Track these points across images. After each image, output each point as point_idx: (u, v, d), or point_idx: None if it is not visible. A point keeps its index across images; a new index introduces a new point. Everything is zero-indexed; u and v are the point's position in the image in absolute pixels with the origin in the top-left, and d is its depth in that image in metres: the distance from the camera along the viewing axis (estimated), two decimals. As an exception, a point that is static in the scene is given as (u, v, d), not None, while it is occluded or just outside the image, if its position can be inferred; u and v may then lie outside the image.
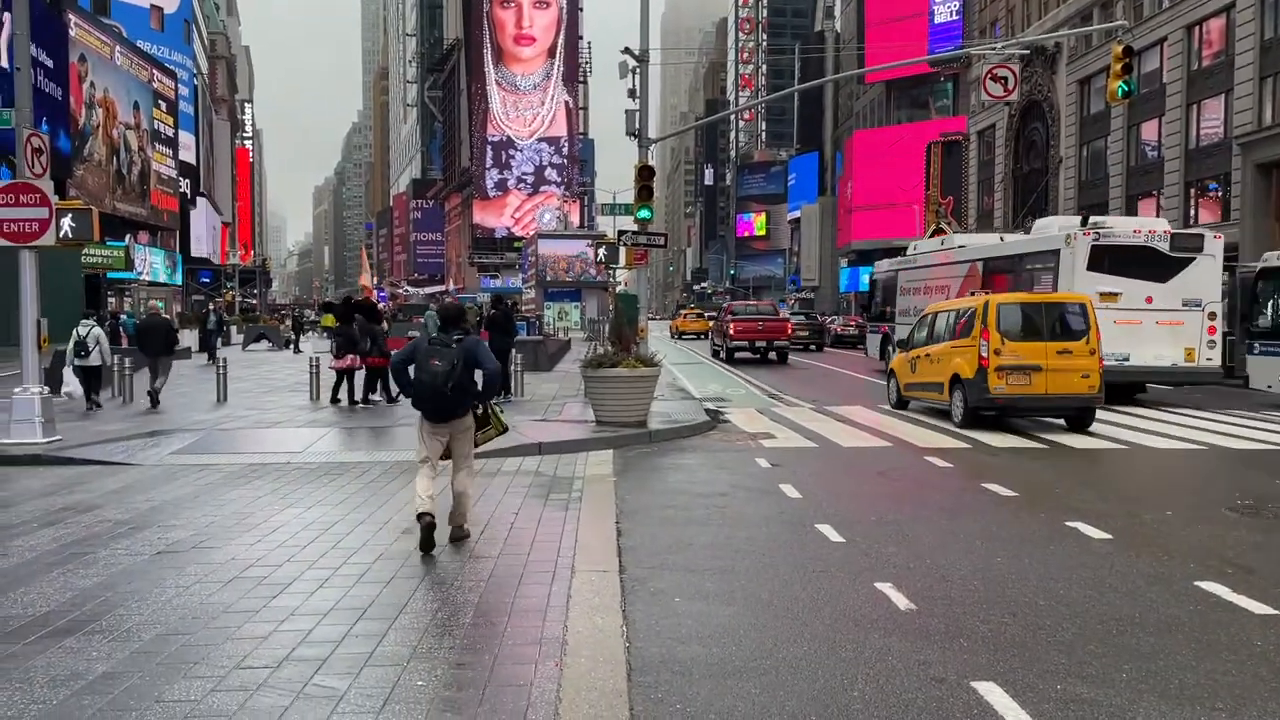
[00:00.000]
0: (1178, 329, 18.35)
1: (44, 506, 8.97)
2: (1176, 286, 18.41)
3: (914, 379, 16.87)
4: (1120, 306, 18.02)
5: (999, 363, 14.22)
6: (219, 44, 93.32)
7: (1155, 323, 18.27)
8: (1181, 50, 40.09)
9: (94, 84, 44.54)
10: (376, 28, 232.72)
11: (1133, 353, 18.07)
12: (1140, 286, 18.28)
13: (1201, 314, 18.48)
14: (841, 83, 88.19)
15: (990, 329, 14.41)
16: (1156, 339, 18.25)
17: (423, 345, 7.39)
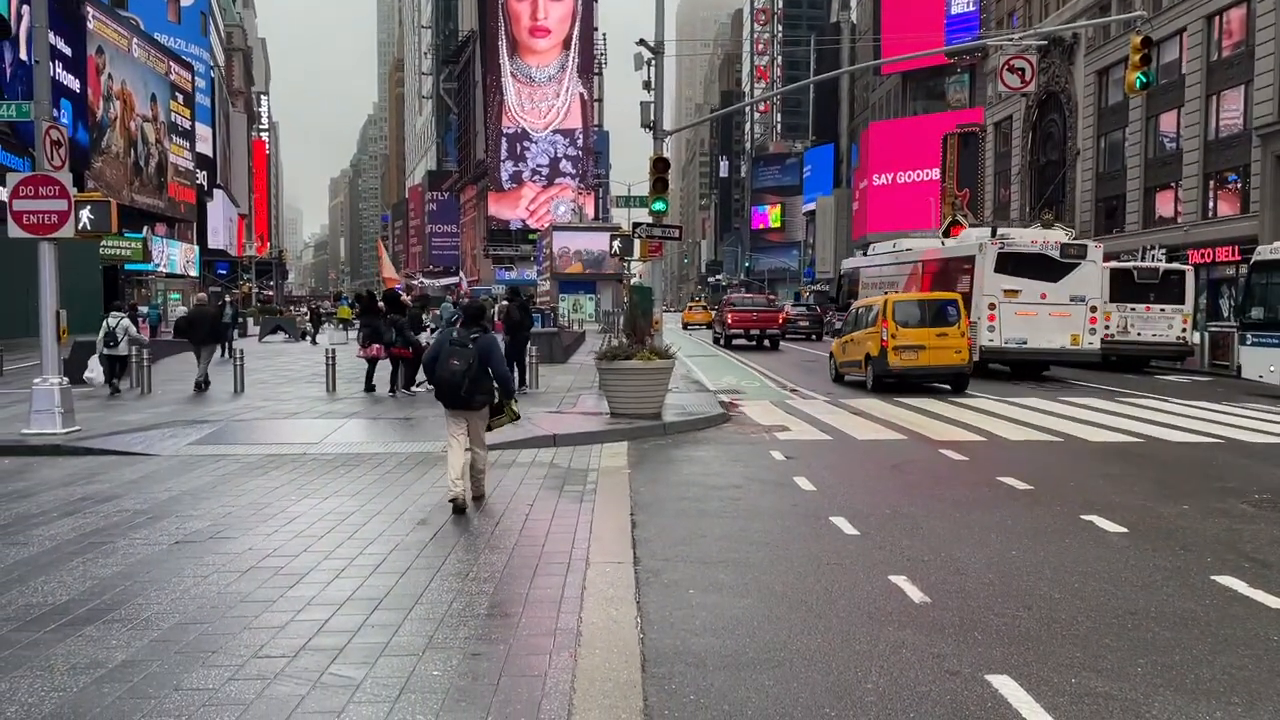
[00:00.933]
0: (1065, 319, 22.34)
1: (63, 496, 9.06)
2: (1065, 286, 22.44)
3: (844, 358, 21.17)
4: (1020, 301, 22.21)
5: (895, 344, 18.82)
6: (235, 36, 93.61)
7: (1048, 314, 22.30)
8: (1201, 41, 39.71)
9: (112, 76, 44.76)
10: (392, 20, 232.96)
11: (1029, 338, 22.26)
12: (1036, 285, 22.34)
13: (1085, 307, 22.50)
14: (857, 74, 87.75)
15: (889, 320, 18.88)
16: (1049, 327, 22.27)
17: (445, 345, 8.47)
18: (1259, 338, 19.86)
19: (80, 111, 39.86)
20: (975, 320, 21.71)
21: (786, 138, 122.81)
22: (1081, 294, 22.59)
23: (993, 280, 22.41)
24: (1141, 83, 19.69)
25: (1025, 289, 22.33)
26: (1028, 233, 25.06)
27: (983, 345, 22.06)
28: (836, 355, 21.82)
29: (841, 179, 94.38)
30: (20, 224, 12.41)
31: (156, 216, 51.88)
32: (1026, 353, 22.55)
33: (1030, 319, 22.24)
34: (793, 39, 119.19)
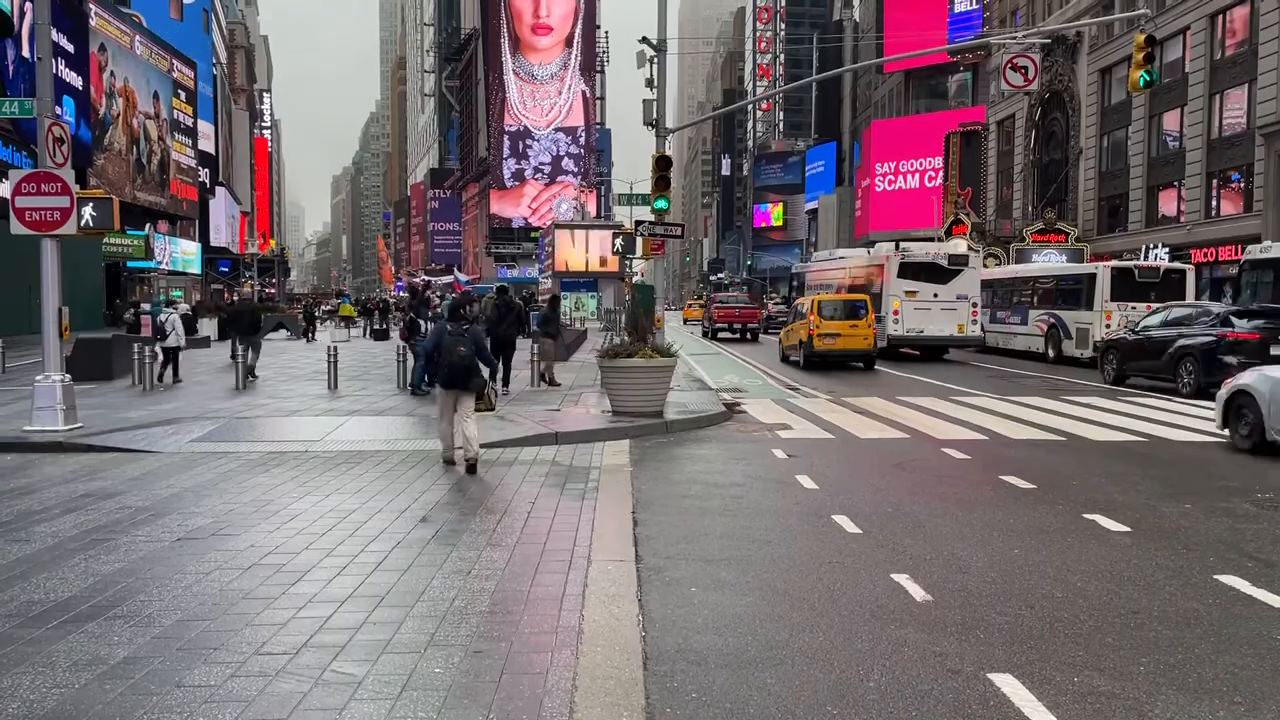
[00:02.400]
0: (953, 313, 27.91)
1: (66, 493, 9.06)
2: (952, 287, 28.00)
3: (787, 343, 27.05)
4: (918, 299, 27.72)
5: (818, 332, 24.43)
6: (238, 34, 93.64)
7: (940, 309, 27.84)
8: (1204, 40, 39.64)
9: (114, 73, 44.79)
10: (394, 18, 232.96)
11: (926, 328, 27.79)
12: (930, 287, 27.93)
13: (967, 303, 28.03)
14: (860, 73, 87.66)
15: (815, 314, 24.66)
16: (941, 319, 27.87)
17: (446, 335, 10.15)
18: None
19: (83, 108, 39.87)
20: (884, 315, 27.46)
21: (789, 136, 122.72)
22: (965, 293, 28.12)
23: (897, 284, 28.09)
24: (1145, 81, 19.67)
25: (921, 290, 27.91)
26: (924, 246, 31.52)
27: (890, 334, 27.56)
28: (783, 340, 27.94)
29: (844, 177, 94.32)
30: (23, 221, 12.41)
31: (159, 214, 51.92)
32: (925, 339, 28.06)
33: (926, 313, 27.78)
34: (795, 37, 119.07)
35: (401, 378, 18.28)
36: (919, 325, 27.64)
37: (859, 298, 26.03)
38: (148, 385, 18.04)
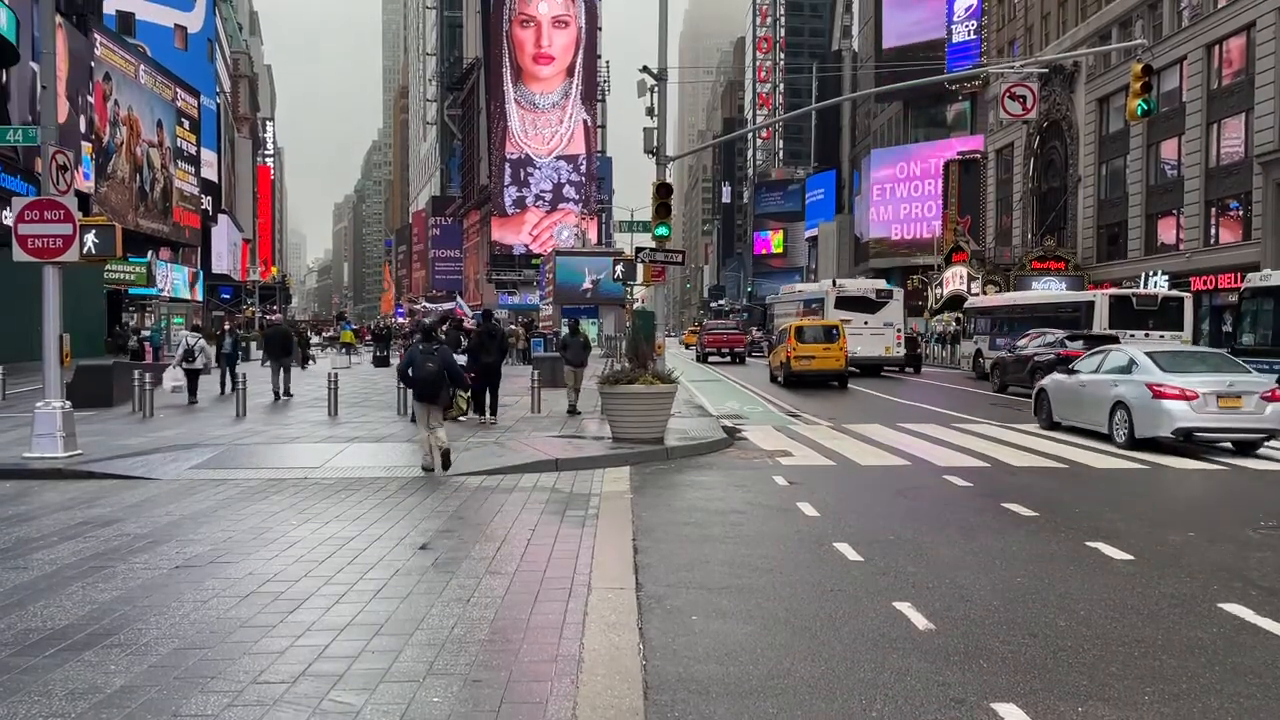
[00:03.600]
0: (881, 337, 33.54)
1: (64, 520, 9.02)
2: (880, 316, 33.93)
3: (773, 364, 30.93)
4: (853, 326, 31.86)
5: (796, 354, 27.83)
6: (241, 63, 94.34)
7: (870, 334, 33.36)
8: (1201, 69, 39.91)
9: (118, 102, 45.07)
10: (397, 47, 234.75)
11: (859, 350, 32.20)
12: (862, 316, 33.45)
13: (892, 329, 33.99)
14: (858, 101, 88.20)
15: (793, 338, 28.21)
16: (871, 343, 33.33)
17: (417, 355, 11.70)
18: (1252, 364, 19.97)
19: (86, 136, 40.10)
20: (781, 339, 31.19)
21: (788, 164, 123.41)
22: (890, 321, 34.17)
23: (834, 313, 33.20)
24: (1143, 110, 19.77)
25: (854, 319, 32.79)
26: (857, 282, 39.72)
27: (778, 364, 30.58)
28: (771, 363, 32.16)
29: (844, 205, 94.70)
30: (25, 248, 12.45)
31: (161, 241, 52.09)
32: (859, 359, 32.09)
33: (859, 337, 32.54)
34: (794, 67, 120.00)
35: (401, 404, 18.27)
36: (854, 347, 31.21)
37: (832, 323, 29.42)
38: (147, 412, 18.02)
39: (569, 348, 19.20)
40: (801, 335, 28.22)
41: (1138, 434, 13.94)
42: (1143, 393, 13.95)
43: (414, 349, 12.04)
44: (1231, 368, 14.61)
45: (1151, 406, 13.74)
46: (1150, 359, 14.69)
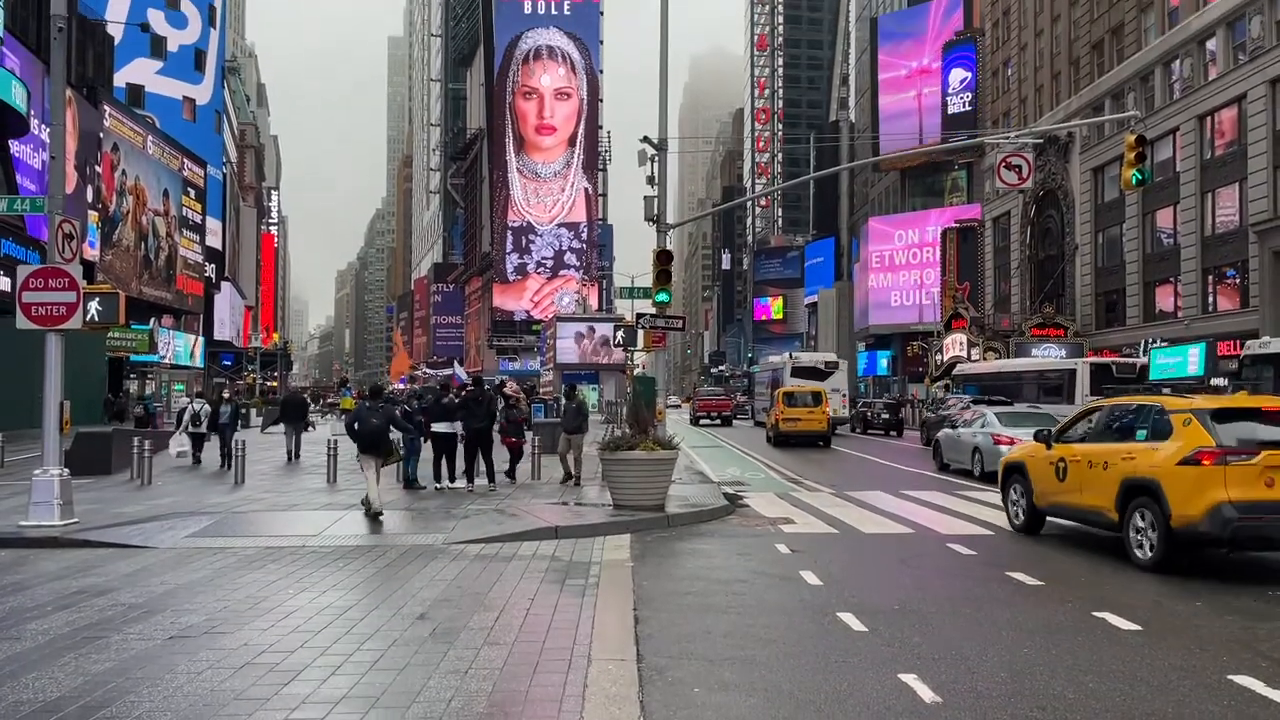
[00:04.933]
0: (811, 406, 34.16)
1: (58, 590, 8.92)
2: (829, 383, 39.39)
3: (767, 426, 35.38)
4: None
5: (783, 418, 31.83)
6: (248, 134, 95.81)
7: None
8: (1194, 140, 40.49)
9: (125, 172, 45.66)
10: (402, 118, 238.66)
11: None
12: (814, 383, 37.12)
13: (839, 394, 40.38)
14: (856, 170, 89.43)
15: (779, 403, 32.48)
16: None
17: (364, 411, 13.68)
18: None
19: (93, 205, 40.56)
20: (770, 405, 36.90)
21: (788, 231, 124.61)
22: (837, 387, 40.80)
23: (790, 380, 39.47)
24: (1137, 180, 19.99)
25: (810, 385, 36.40)
26: (811, 355, 50.24)
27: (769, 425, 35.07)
28: (766, 426, 36.53)
29: (843, 272, 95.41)
30: (28, 316, 12.50)
31: (164, 308, 52.35)
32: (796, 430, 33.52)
33: None
34: (792, 137, 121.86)
35: (399, 472, 18.16)
36: None
37: (817, 389, 33.54)
38: (145, 479, 17.94)
39: (565, 414, 18.61)
40: (790, 400, 32.32)
41: (985, 469, 18.84)
42: (988, 440, 19.64)
43: (361, 407, 14.08)
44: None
45: (993, 450, 18.69)
46: (995, 417, 20.41)
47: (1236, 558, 10.47)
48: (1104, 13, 48.93)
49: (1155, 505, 9.92)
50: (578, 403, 18.82)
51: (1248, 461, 9.43)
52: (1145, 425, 10.68)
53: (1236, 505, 9.31)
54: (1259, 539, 9.59)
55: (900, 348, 73.79)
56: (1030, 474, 12.43)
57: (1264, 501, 9.31)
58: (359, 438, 13.46)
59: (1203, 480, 9.50)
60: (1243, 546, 9.77)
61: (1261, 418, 10.08)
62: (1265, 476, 9.36)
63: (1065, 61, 53.12)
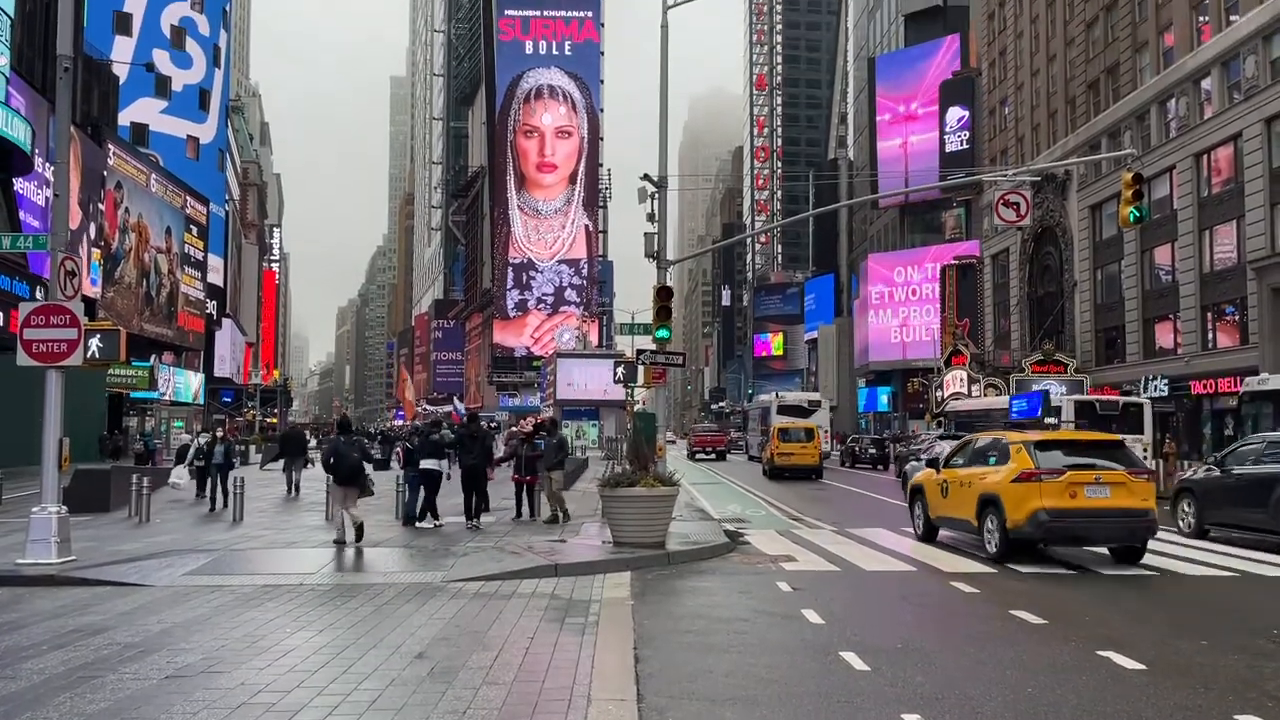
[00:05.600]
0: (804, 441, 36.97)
1: (54, 628, 8.85)
2: (812, 420, 41.73)
3: (762, 461, 38.58)
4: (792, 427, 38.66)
5: (778, 452, 35.18)
6: (251, 172, 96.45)
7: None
8: (1191, 178, 40.72)
9: (128, 209, 45.91)
10: (404, 156, 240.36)
11: None
12: (806, 420, 40.57)
13: (821, 430, 39.68)
14: (855, 207, 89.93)
15: (775, 439, 35.79)
16: None
17: (341, 446, 14.40)
18: None
19: (96, 242, 40.74)
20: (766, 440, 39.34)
21: (787, 268, 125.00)
22: (820, 424, 41.93)
23: (778, 419, 42.04)
24: (1135, 217, 20.06)
25: (794, 422, 39.63)
26: (795, 394, 54.74)
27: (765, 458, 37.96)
28: (761, 460, 39.17)
29: (842, 308, 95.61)
30: (29, 353, 12.51)
31: (165, 345, 52.41)
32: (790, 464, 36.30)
33: None
34: (791, 174, 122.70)
35: (398, 509, 18.09)
36: None
37: (809, 425, 37.55)
38: (144, 516, 17.86)
39: (545, 450, 17.84)
40: (784, 436, 35.93)
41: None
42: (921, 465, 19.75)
43: (337, 441, 14.81)
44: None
45: None
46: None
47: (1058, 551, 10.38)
48: (1099, 53, 49.44)
49: (997, 513, 13.02)
50: (559, 439, 18.55)
51: (1057, 479, 12.60)
52: (995, 453, 13.93)
53: (1049, 511, 12.50)
54: (1065, 537, 13.00)
55: (901, 384, 73.74)
56: (926, 494, 15.52)
57: (1068, 508, 12.58)
58: (337, 471, 14.25)
59: (1027, 493, 12.67)
60: (1052, 543, 13.22)
61: (1069, 447, 13.61)
62: (1069, 490, 12.59)
63: (1062, 100, 53.59)
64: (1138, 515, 12.76)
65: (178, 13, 65.04)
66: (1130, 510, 12.75)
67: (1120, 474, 12.90)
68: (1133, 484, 12.86)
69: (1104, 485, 12.72)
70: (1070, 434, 17.52)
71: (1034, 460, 12.89)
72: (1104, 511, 12.69)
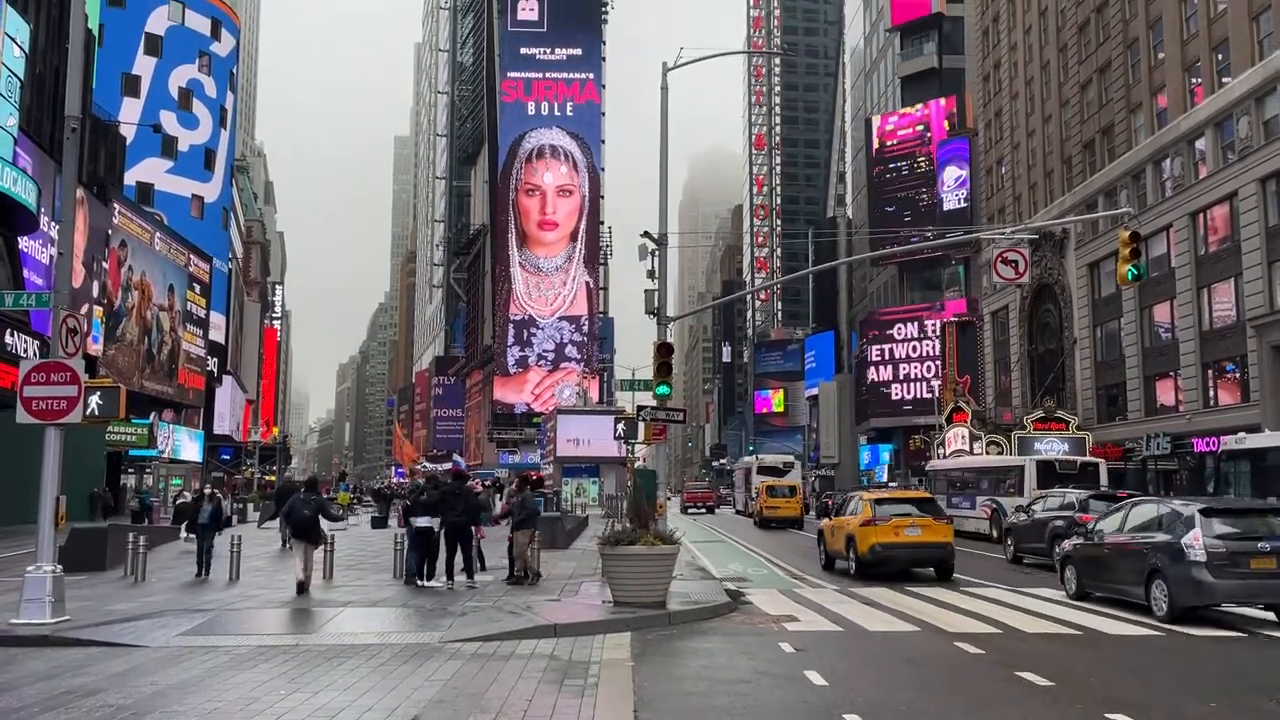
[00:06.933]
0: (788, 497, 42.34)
1: (47, 690, 8.73)
2: (787, 479, 47.07)
3: (753, 514, 43.91)
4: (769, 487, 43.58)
5: (766, 506, 40.93)
6: (255, 230, 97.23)
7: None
8: (1188, 236, 40.99)
9: (132, 268, 46.20)
10: (406, 214, 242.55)
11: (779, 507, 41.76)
12: (784, 480, 45.99)
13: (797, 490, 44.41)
14: (854, 265, 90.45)
15: (763, 494, 42.13)
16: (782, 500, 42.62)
17: (298, 503, 15.95)
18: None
19: (98, 300, 40.93)
20: (755, 496, 45.21)
21: (787, 325, 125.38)
22: (794, 483, 45.88)
23: (757, 478, 48.40)
24: (1133, 275, 20.13)
25: (770, 481, 45.24)
26: (773, 456, 60.01)
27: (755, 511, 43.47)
28: (752, 513, 44.72)
29: (843, 365, 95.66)
30: (29, 410, 12.50)
31: (165, 403, 52.35)
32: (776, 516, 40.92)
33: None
34: (790, 232, 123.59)
35: (398, 568, 17.93)
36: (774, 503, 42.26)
37: (793, 484, 44.93)
38: (139, 575, 17.69)
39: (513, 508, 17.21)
40: (771, 492, 41.98)
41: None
42: None
43: (295, 498, 16.20)
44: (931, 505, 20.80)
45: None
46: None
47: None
48: (1094, 114, 50.11)
49: (853, 545, 19.10)
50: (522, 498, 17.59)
51: (887, 523, 18.72)
52: (854, 506, 20.33)
53: (882, 544, 18.52)
54: (891, 560, 18.69)
55: (903, 441, 73.49)
56: (824, 535, 21.49)
57: (894, 542, 18.56)
58: (292, 525, 15.99)
59: (868, 533, 18.72)
60: (882, 567, 18.67)
61: (896, 502, 19.97)
62: (894, 529, 18.62)
63: (1058, 160, 54.19)
64: (940, 546, 18.76)
65: (185, 75, 66.05)
66: (935, 543, 18.75)
67: (928, 520, 18.97)
68: (935, 526, 18.98)
69: (917, 526, 18.77)
70: (898, 492, 27.01)
71: (873, 511, 19.06)
72: (917, 544, 18.67)
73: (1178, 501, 14.55)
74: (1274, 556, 12.68)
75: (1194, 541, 12.83)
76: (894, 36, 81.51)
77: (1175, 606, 12.90)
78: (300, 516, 15.75)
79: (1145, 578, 13.53)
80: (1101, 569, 14.96)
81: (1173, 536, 13.27)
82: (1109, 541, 14.89)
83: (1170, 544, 13.19)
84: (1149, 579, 13.46)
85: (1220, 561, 12.63)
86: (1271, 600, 13.07)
